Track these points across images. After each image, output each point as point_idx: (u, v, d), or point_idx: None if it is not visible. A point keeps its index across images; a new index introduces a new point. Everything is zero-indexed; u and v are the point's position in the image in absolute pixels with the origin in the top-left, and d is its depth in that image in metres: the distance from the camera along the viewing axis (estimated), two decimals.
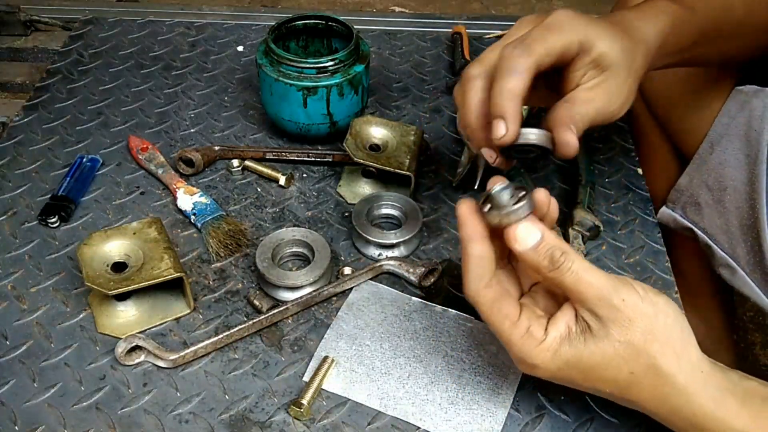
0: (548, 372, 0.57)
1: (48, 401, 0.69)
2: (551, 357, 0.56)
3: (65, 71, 1.10)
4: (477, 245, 0.57)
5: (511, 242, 0.57)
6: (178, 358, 0.71)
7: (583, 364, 0.56)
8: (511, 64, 0.59)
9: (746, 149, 0.83)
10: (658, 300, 0.57)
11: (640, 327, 0.55)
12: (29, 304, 0.77)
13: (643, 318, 0.55)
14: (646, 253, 0.85)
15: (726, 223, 0.87)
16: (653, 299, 0.56)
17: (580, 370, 0.56)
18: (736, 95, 0.87)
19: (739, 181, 0.84)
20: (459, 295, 0.79)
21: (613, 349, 0.55)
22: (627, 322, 0.55)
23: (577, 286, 0.55)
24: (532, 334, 0.56)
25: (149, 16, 1.27)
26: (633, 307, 0.55)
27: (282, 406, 0.69)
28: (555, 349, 0.56)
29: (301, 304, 0.77)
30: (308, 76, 0.91)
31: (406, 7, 2.22)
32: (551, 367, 0.56)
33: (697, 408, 0.56)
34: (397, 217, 0.86)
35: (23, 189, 0.91)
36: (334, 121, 0.95)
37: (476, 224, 0.57)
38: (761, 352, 1.37)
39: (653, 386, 0.56)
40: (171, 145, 0.98)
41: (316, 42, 1.02)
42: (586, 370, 0.56)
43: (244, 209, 0.89)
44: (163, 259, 0.74)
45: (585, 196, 0.88)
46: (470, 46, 1.16)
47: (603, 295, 0.55)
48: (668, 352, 0.55)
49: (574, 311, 0.57)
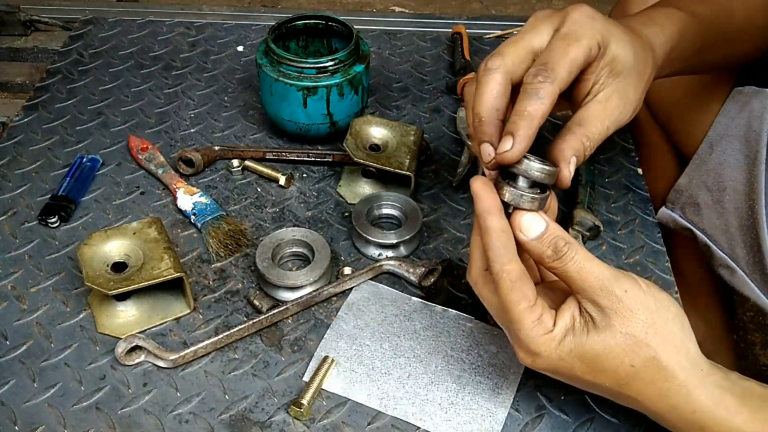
0: (549, 362, 0.57)
1: (48, 401, 0.69)
2: (555, 347, 0.56)
3: (65, 71, 1.10)
4: (497, 219, 0.56)
5: (516, 231, 0.56)
6: (178, 358, 0.71)
7: (585, 355, 0.56)
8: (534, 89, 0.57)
9: (745, 150, 0.84)
10: (660, 295, 0.57)
11: (641, 319, 0.55)
12: (29, 304, 0.77)
13: (645, 310, 0.55)
14: (646, 253, 0.85)
15: (725, 223, 0.87)
16: (655, 294, 0.57)
17: (582, 361, 0.56)
18: (735, 96, 0.87)
19: (739, 182, 0.84)
20: (459, 295, 0.79)
21: (615, 340, 0.55)
22: (628, 313, 0.55)
23: (580, 276, 0.55)
24: (543, 321, 0.56)
25: (149, 16, 1.27)
26: (635, 298, 0.55)
27: (282, 406, 0.69)
28: (560, 339, 0.56)
29: (301, 304, 0.77)
30: (308, 76, 0.91)
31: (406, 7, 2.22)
32: (553, 357, 0.56)
33: (696, 405, 0.56)
34: (397, 217, 0.86)
35: (23, 189, 0.91)
36: (334, 121, 0.95)
37: (494, 197, 0.57)
38: (761, 352, 1.37)
39: (653, 381, 0.56)
40: (171, 145, 0.98)
41: (316, 42, 1.02)
42: (588, 361, 0.56)
43: (244, 209, 0.89)
44: (163, 259, 0.74)
45: (585, 196, 0.88)
46: (470, 46, 1.16)
47: (605, 285, 0.55)
48: (669, 347, 0.55)
49: (577, 304, 0.57)
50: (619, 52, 0.60)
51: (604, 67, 0.60)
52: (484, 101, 0.59)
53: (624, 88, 0.61)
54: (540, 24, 0.61)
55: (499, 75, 0.59)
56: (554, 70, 0.57)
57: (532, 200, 0.57)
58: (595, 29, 0.59)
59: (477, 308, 0.78)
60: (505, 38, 1.22)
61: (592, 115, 0.61)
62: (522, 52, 0.60)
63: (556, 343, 0.56)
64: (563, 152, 0.59)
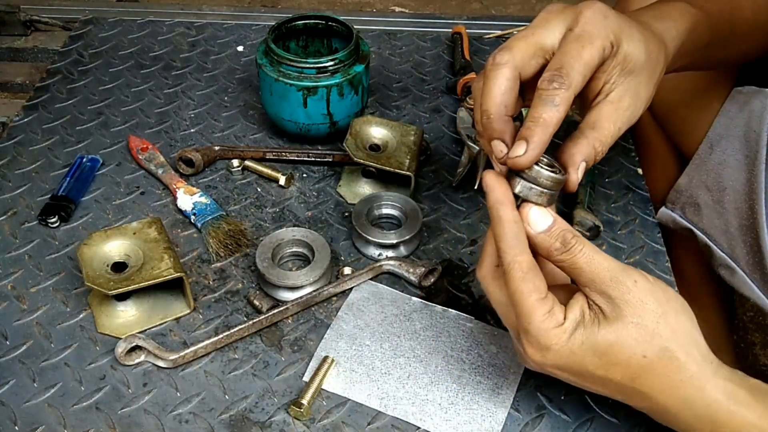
0: (560, 356, 0.56)
1: (48, 401, 0.69)
2: (566, 339, 0.55)
3: (65, 71, 1.10)
4: (509, 210, 0.56)
5: (525, 224, 0.56)
6: (178, 358, 0.71)
7: (597, 347, 0.55)
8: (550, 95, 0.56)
9: (745, 150, 0.84)
10: (667, 289, 0.57)
11: (651, 309, 0.55)
12: (29, 304, 0.77)
13: (655, 301, 0.55)
14: (646, 253, 0.85)
15: (725, 223, 0.87)
16: (663, 288, 0.56)
17: (594, 353, 0.55)
18: (735, 96, 0.87)
19: (739, 182, 0.84)
20: (459, 295, 0.79)
21: (627, 330, 0.55)
22: (639, 303, 0.55)
23: (590, 267, 0.55)
24: (554, 313, 0.56)
25: (149, 16, 1.27)
26: (644, 289, 0.55)
27: (282, 406, 0.69)
28: (571, 331, 0.55)
29: (301, 304, 0.77)
30: (308, 76, 0.91)
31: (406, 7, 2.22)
32: (564, 351, 0.55)
33: (710, 398, 0.55)
34: (397, 217, 0.86)
35: (23, 189, 0.91)
36: (334, 121, 0.95)
37: (506, 189, 0.57)
38: (761, 352, 1.37)
39: (665, 373, 0.55)
40: (171, 145, 0.98)
41: (316, 42, 1.02)
42: (600, 354, 0.55)
43: (244, 209, 0.89)
44: (163, 259, 0.74)
45: (585, 196, 0.88)
46: (470, 46, 1.16)
47: (615, 276, 0.55)
48: (680, 338, 0.55)
49: (585, 298, 0.57)
50: (632, 50, 0.59)
51: (616, 66, 0.59)
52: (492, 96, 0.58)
53: (635, 86, 0.61)
54: (552, 20, 0.60)
55: (508, 70, 0.58)
56: (569, 75, 0.56)
57: (540, 194, 0.57)
58: (608, 28, 0.58)
59: (477, 308, 0.78)
60: (505, 38, 1.22)
61: (603, 117, 0.60)
62: (531, 48, 0.59)
63: (567, 335, 0.55)
64: (573, 157, 0.59)
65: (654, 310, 0.55)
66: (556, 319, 0.55)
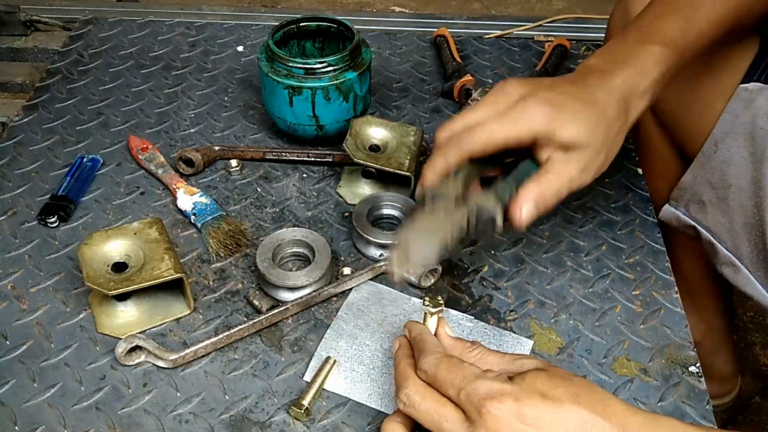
0: None
1: (48, 401, 0.69)
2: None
3: (65, 71, 1.10)
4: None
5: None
6: (178, 359, 0.71)
7: None
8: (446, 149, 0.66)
9: (751, 147, 0.83)
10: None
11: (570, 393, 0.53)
12: (29, 304, 0.77)
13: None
14: (646, 253, 0.85)
15: (730, 221, 0.87)
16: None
17: None
18: (740, 93, 0.86)
19: (744, 180, 0.84)
20: (459, 295, 0.79)
21: None
22: None
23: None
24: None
25: (149, 16, 1.27)
26: None
27: (282, 407, 0.69)
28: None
29: (301, 305, 0.77)
30: (295, 76, 0.90)
31: (406, 7, 2.22)
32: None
33: None
34: (397, 217, 0.86)
35: (23, 189, 0.91)
36: (321, 125, 0.94)
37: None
38: (761, 352, 1.37)
39: None
40: (171, 145, 0.98)
41: (333, 45, 1.01)
42: None
43: (244, 209, 0.89)
44: (164, 259, 0.74)
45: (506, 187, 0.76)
46: (470, 47, 1.15)
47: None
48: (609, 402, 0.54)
49: None
50: (570, 134, 0.64)
51: (556, 150, 0.64)
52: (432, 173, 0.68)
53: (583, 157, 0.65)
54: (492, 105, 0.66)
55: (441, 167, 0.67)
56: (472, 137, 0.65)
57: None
58: (536, 121, 0.64)
59: (477, 308, 0.78)
60: (505, 38, 1.22)
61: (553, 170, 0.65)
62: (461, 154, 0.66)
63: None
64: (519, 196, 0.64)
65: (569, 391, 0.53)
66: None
